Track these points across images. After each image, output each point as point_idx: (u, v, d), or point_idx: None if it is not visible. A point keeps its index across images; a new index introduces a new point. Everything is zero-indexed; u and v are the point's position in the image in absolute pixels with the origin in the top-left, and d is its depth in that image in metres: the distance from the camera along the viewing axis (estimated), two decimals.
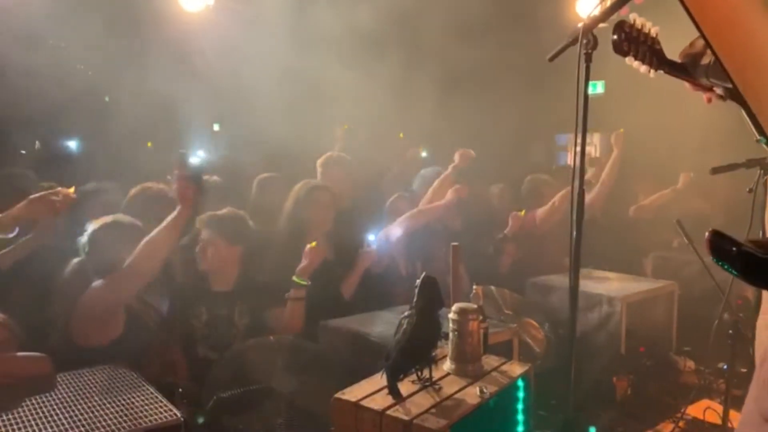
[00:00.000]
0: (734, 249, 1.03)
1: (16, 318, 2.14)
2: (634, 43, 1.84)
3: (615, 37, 1.83)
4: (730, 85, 1.69)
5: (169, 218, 2.67)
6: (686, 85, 1.90)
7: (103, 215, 2.91)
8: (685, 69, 1.80)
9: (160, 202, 3.30)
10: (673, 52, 1.90)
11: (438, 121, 4.34)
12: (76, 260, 2.84)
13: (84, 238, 2.76)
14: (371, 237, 3.66)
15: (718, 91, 1.84)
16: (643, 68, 1.87)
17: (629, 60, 1.87)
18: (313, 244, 3.21)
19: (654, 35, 1.87)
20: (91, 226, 2.78)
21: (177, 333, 2.96)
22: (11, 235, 2.90)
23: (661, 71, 1.90)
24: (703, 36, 1.08)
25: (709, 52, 1.67)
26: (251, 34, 4.74)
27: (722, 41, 1.07)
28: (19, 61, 4.04)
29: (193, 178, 2.69)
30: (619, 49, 1.83)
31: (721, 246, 1.04)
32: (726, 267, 1.05)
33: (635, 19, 1.85)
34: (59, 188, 2.84)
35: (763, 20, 1.04)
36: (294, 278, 3.15)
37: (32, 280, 2.97)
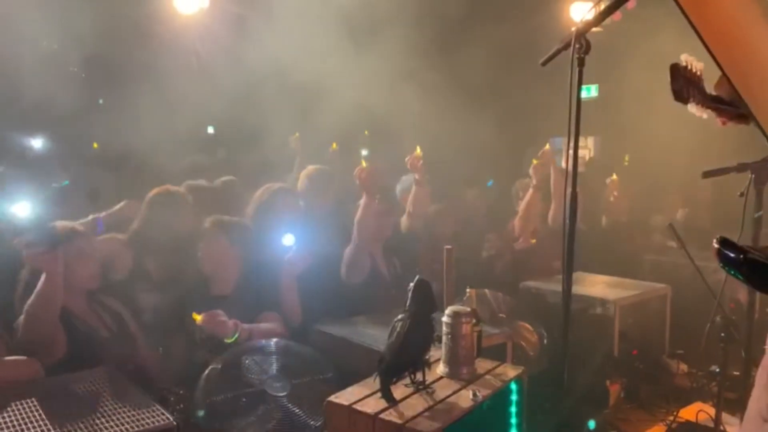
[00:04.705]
0: (741, 256, 1.06)
1: None
2: (692, 87, 1.64)
3: (675, 85, 1.63)
4: None
5: (37, 289, 2.45)
6: (718, 120, 1.70)
7: None
8: (724, 101, 1.63)
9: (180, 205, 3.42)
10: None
11: (431, 124, 4.34)
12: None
13: None
14: (288, 240, 3.17)
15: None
16: (706, 115, 1.66)
17: (690, 107, 1.66)
18: (197, 317, 2.78)
19: (699, 73, 1.66)
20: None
21: (177, 338, 2.95)
22: None
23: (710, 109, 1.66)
24: (706, 47, 1.08)
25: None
26: (245, 36, 4.75)
27: (724, 53, 1.08)
28: (13, 64, 4.04)
29: (37, 242, 2.30)
30: (680, 97, 1.64)
31: (728, 253, 1.07)
32: (733, 273, 1.07)
33: (687, 60, 1.64)
34: None
35: (762, 30, 1.05)
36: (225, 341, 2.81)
37: None
